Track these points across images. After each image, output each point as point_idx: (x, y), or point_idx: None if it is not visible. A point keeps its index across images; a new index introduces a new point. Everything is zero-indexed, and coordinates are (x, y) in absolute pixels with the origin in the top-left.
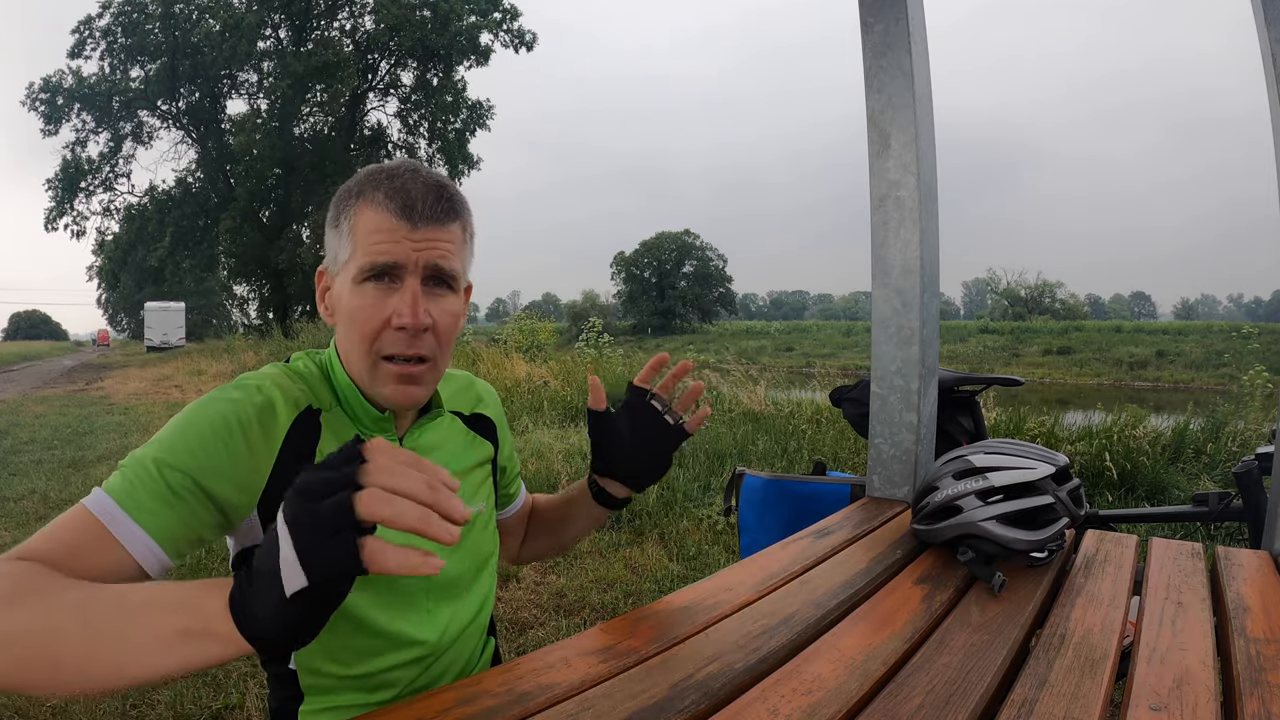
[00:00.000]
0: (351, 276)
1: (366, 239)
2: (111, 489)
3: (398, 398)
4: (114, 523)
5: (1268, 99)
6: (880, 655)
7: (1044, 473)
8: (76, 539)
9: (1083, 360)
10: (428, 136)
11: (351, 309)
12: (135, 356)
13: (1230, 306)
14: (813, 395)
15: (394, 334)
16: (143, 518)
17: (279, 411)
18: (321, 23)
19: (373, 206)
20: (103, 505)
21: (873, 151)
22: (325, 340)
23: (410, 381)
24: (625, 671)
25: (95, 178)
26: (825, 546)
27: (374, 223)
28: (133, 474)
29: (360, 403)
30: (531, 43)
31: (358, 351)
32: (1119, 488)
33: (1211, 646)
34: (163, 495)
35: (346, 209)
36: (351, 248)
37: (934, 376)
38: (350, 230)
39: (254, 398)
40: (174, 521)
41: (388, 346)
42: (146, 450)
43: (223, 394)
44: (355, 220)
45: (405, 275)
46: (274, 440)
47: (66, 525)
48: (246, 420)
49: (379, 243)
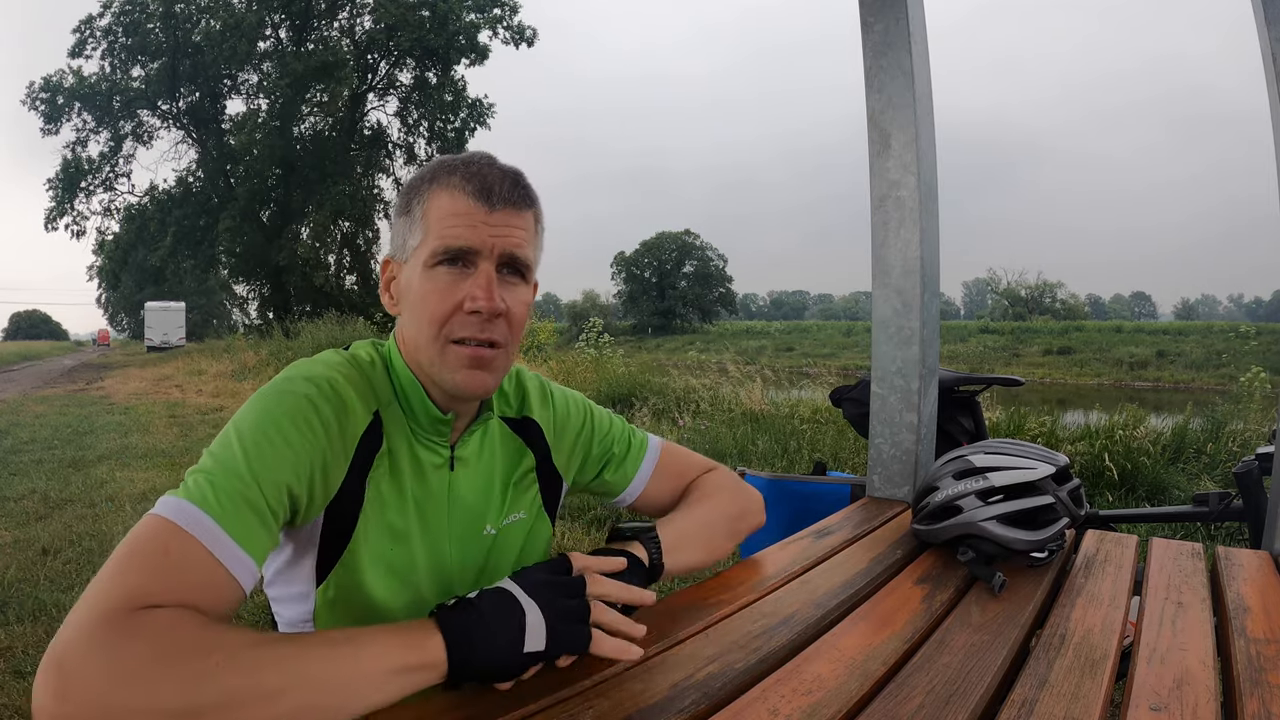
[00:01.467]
0: (423, 261)
1: (441, 222)
2: (209, 506)
3: (468, 384)
4: (217, 545)
5: (1268, 98)
6: (880, 655)
7: (1044, 473)
8: (187, 572)
9: (1083, 360)
10: (427, 135)
11: (422, 292)
12: (135, 356)
13: (1230, 306)
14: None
15: (466, 317)
16: (244, 538)
17: (354, 414)
18: (321, 23)
19: (448, 191)
20: (202, 526)
21: (873, 151)
22: (325, 341)
23: (481, 366)
24: (625, 671)
25: (95, 177)
26: (825, 546)
27: (449, 206)
28: (227, 486)
29: (422, 400)
30: (532, 39)
31: (426, 335)
32: (1119, 488)
33: (1211, 646)
34: (260, 510)
35: (419, 194)
36: (423, 232)
37: (934, 376)
38: (423, 215)
39: (329, 395)
40: (266, 536)
41: (459, 329)
42: (231, 454)
43: (296, 387)
44: (428, 204)
45: (479, 260)
46: (350, 444)
47: (167, 552)
48: (327, 420)
49: (454, 226)
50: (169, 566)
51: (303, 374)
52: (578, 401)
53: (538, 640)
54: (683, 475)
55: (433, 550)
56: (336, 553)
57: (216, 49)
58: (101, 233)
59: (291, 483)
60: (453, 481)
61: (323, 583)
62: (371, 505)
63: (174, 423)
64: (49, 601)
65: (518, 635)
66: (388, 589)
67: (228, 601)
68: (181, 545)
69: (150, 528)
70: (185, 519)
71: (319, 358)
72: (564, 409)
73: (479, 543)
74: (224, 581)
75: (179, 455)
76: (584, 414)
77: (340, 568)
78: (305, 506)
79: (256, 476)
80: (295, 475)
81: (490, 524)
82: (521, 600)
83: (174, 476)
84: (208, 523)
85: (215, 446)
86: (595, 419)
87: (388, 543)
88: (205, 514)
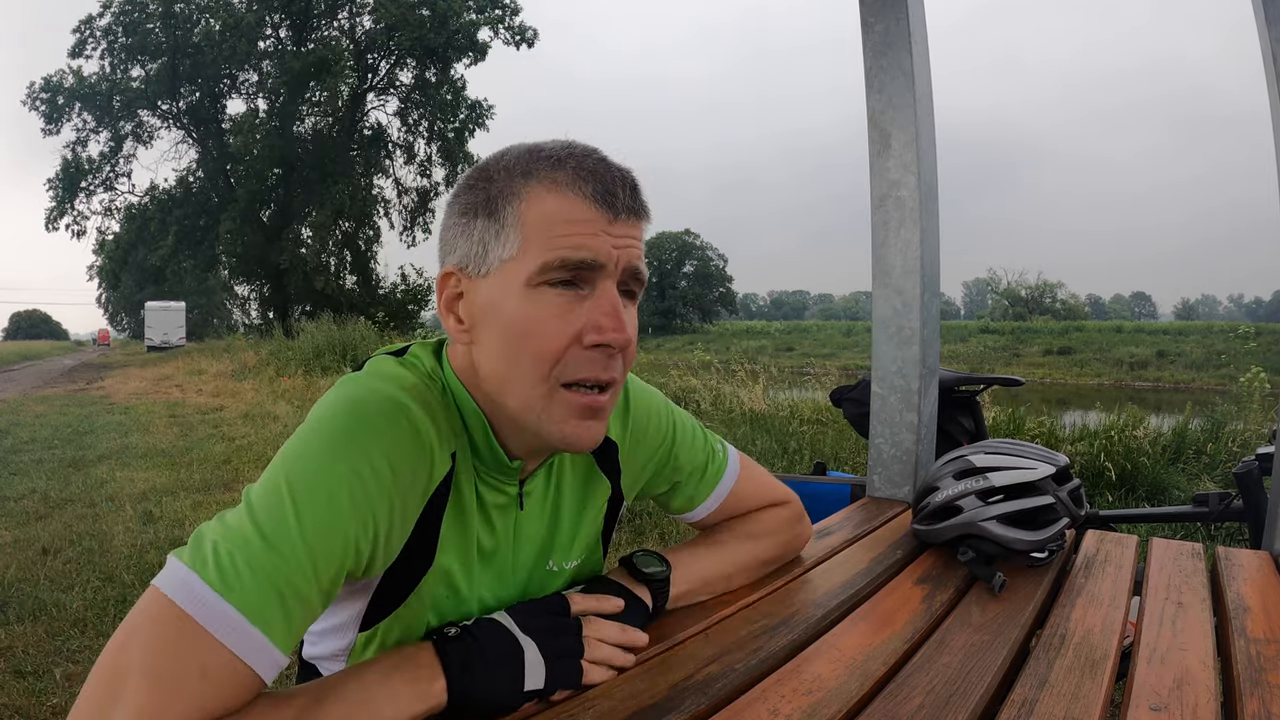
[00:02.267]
0: (525, 279)
1: (552, 229)
2: (246, 603)
3: (578, 438)
4: (251, 652)
5: (1268, 98)
6: (880, 655)
7: (1044, 473)
8: (211, 683)
9: (1083, 360)
10: (427, 136)
11: (526, 320)
12: (136, 356)
13: (1230, 306)
14: (813, 395)
15: (585, 353)
16: (281, 638)
17: (433, 458)
18: (322, 22)
19: (557, 189)
20: (235, 629)
21: (873, 151)
22: (325, 341)
23: (596, 416)
24: (625, 671)
25: (96, 177)
26: (825, 547)
27: (562, 209)
28: (270, 570)
29: (488, 442)
30: (532, 39)
31: (528, 375)
32: (1119, 488)
33: (1211, 646)
34: (307, 600)
35: (509, 191)
36: (521, 240)
37: (934, 376)
38: (518, 218)
39: (406, 433)
40: (307, 623)
41: (576, 369)
42: (282, 522)
43: (366, 422)
44: (527, 205)
45: (599, 279)
46: (423, 495)
47: (190, 666)
48: (399, 470)
49: (572, 235)
50: (204, 688)
51: (373, 401)
52: (659, 409)
53: (536, 679)
54: (751, 504)
55: (494, 594)
56: (390, 607)
57: (216, 49)
58: (102, 233)
59: (351, 557)
60: (520, 521)
61: (367, 629)
62: (439, 559)
63: (174, 422)
64: (49, 601)
65: (518, 674)
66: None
67: (249, 697)
68: (215, 660)
69: (181, 634)
70: (218, 624)
71: (386, 372)
72: (643, 421)
73: (541, 578)
74: (251, 683)
75: (179, 455)
76: (665, 430)
77: (391, 619)
78: (361, 573)
79: (311, 556)
80: (357, 547)
81: (555, 561)
82: (520, 638)
83: (174, 476)
84: (244, 627)
85: (259, 501)
86: (677, 435)
87: (445, 592)
88: (243, 617)
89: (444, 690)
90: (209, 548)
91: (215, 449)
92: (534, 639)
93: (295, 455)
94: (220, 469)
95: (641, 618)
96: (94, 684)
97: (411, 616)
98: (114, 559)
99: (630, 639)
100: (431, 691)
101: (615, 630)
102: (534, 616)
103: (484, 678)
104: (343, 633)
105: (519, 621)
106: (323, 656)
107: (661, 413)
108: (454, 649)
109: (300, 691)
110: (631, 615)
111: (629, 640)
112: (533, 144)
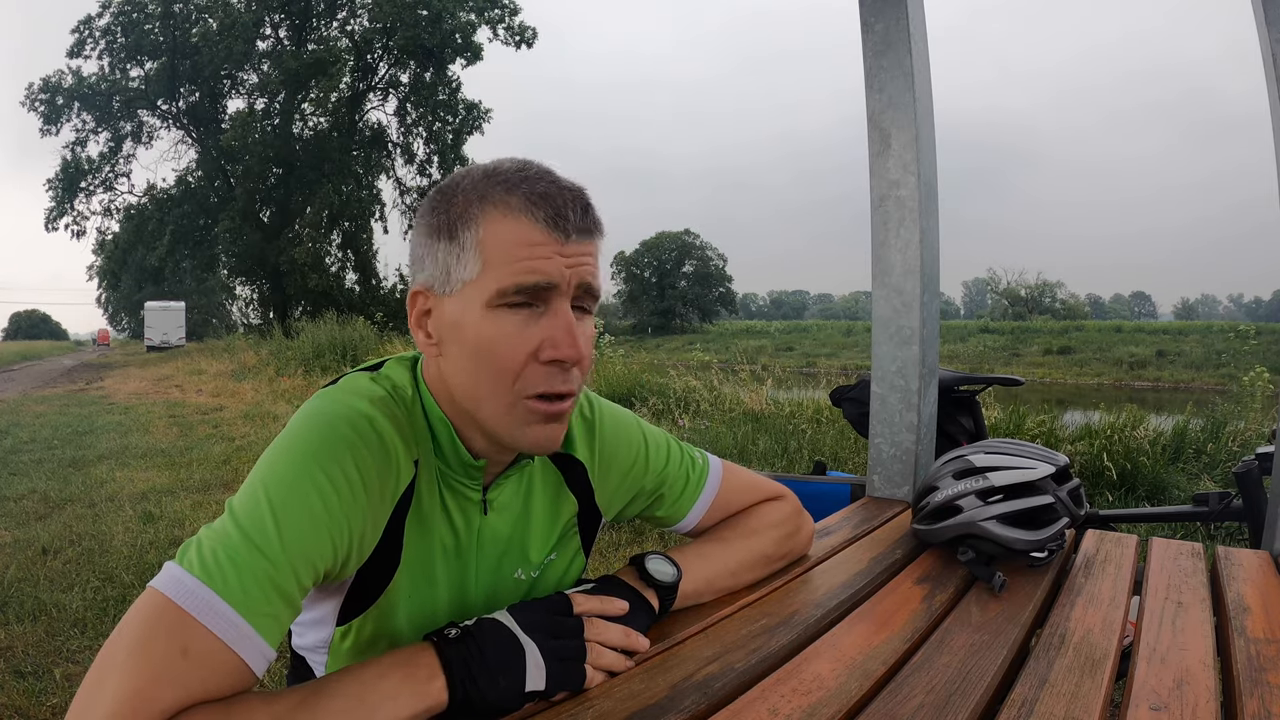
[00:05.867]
0: (485, 300)
1: (508, 253)
2: (232, 595)
3: (541, 441)
4: (239, 640)
5: (1268, 99)
6: (880, 655)
7: (1044, 472)
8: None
9: (1083, 360)
10: (425, 136)
11: (488, 339)
12: (135, 356)
13: (1230, 306)
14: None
15: (542, 368)
16: (267, 629)
17: (398, 466)
18: (321, 22)
19: (510, 215)
20: (222, 618)
21: (873, 151)
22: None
23: (557, 420)
24: (625, 671)
25: (95, 177)
26: (825, 546)
27: (517, 234)
28: (253, 567)
29: (452, 445)
30: (531, 40)
31: (490, 389)
32: (1119, 488)
33: (1211, 646)
34: (288, 595)
35: (468, 217)
36: (480, 264)
37: (934, 376)
38: (477, 243)
39: (373, 444)
40: (290, 617)
41: (535, 383)
42: (260, 525)
43: (336, 432)
44: (484, 230)
45: (554, 298)
46: (390, 500)
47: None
48: (369, 477)
49: (527, 259)
50: (186, 668)
51: (343, 415)
52: (628, 429)
53: (538, 680)
54: (741, 504)
55: (458, 596)
56: (363, 605)
57: (214, 49)
58: (101, 233)
59: (326, 558)
60: (484, 526)
61: (343, 625)
62: (405, 560)
63: (174, 422)
64: (49, 601)
65: (519, 675)
66: (411, 630)
67: (240, 688)
68: (199, 643)
69: (166, 620)
70: (204, 611)
71: (356, 387)
72: (612, 441)
73: (509, 586)
74: (239, 672)
75: (179, 455)
76: (636, 448)
77: (363, 618)
78: (336, 573)
79: (289, 555)
80: (333, 548)
81: (522, 570)
82: (521, 639)
83: (173, 476)
84: (230, 615)
85: (240, 507)
86: (649, 453)
87: (412, 591)
88: (228, 606)
89: (443, 690)
90: (195, 549)
91: (215, 449)
92: (535, 639)
93: (272, 466)
94: (220, 469)
95: (646, 621)
96: (88, 676)
97: (381, 614)
98: (114, 559)
99: (632, 643)
100: (430, 691)
101: (618, 634)
102: (536, 616)
103: (485, 678)
104: (321, 626)
105: (520, 621)
106: (308, 648)
107: (632, 432)
108: (454, 650)
109: (297, 688)
110: (636, 618)
111: (631, 644)
112: (491, 165)
